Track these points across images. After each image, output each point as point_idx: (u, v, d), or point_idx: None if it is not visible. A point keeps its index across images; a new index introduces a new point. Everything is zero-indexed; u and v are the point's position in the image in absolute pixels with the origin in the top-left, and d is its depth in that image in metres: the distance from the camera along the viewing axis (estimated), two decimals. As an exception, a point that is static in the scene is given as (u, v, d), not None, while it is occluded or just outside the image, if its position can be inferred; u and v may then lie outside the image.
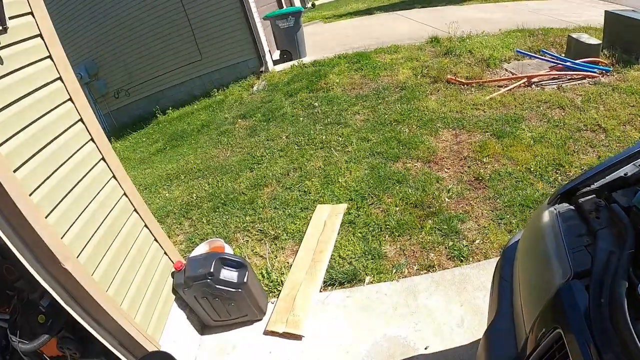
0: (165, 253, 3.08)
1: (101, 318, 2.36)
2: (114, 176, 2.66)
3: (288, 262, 3.62)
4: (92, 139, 2.52)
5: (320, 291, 3.26)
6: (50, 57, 2.27)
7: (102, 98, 9.80)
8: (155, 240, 2.98)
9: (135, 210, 2.81)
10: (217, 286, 2.90)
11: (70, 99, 2.39)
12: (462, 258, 3.23)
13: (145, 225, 2.89)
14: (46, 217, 2.07)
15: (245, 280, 2.97)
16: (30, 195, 2.00)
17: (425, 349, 2.64)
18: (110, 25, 8.95)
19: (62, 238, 2.14)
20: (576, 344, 1.33)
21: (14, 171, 1.94)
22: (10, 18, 2.02)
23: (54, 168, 2.20)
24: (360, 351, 2.73)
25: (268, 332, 3.04)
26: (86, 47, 9.29)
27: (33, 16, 2.18)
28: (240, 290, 2.94)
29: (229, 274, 2.99)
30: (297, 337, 2.95)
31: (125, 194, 2.73)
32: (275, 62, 9.26)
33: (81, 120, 2.45)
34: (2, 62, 1.97)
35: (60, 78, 2.33)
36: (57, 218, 2.15)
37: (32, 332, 2.39)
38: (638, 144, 2.10)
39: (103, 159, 2.59)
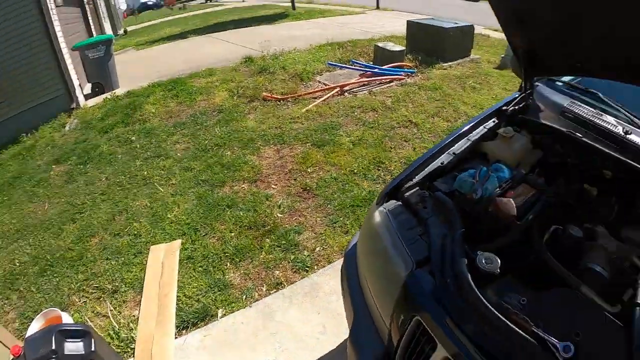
0: (-3, 342, 2.54)
1: None
2: None
3: (134, 315, 3.24)
4: None
5: (176, 337, 2.97)
6: None
7: None
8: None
9: None
10: (65, 363, 2.47)
11: None
12: (307, 268, 3.22)
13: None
14: None
15: (92, 348, 2.57)
16: None
17: (298, 365, 2.57)
18: None
19: None
20: (435, 324, 1.44)
21: None
22: None
23: None
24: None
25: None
26: None
27: None
28: (90, 361, 2.55)
29: (74, 347, 2.54)
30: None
31: None
32: (87, 97, 8.37)
33: None
34: None
35: None
36: None
37: None
38: (448, 136, 2.29)
39: None
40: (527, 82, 2.62)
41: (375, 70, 7.16)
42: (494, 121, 2.45)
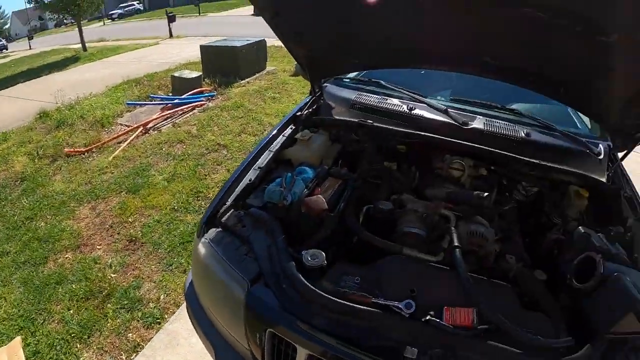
0: None
1: None
2: None
3: None
4: None
5: None
6: None
7: None
8: None
9: None
10: None
11: None
12: (158, 320, 3.08)
13: None
14: None
15: None
16: None
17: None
18: None
19: None
20: (287, 331, 1.53)
21: None
22: None
23: None
24: None
25: None
26: None
27: None
28: None
29: None
30: None
31: None
32: None
33: None
34: None
35: None
36: None
37: None
38: (251, 152, 2.37)
39: None
40: (315, 85, 2.86)
41: (176, 101, 7.09)
42: (291, 128, 2.62)
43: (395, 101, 2.69)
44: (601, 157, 2.50)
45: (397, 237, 1.93)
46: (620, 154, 2.61)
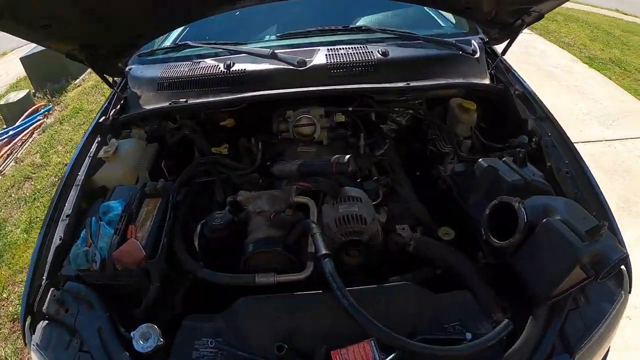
0: None
1: None
2: None
3: None
4: None
5: None
6: None
7: None
8: None
9: None
10: None
11: None
12: None
13: None
14: None
15: None
16: None
17: None
18: None
19: None
20: None
21: None
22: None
23: None
24: None
25: None
26: None
27: None
28: None
29: None
30: None
31: None
32: None
33: None
34: None
35: None
36: None
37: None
38: (54, 197, 1.83)
39: None
40: (109, 75, 2.31)
41: (10, 132, 6.05)
42: (97, 142, 2.07)
43: (210, 62, 2.18)
44: (477, 55, 2.18)
45: (248, 258, 1.48)
46: (498, 47, 2.31)
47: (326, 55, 2.05)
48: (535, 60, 6.75)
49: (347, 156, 1.62)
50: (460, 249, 1.58)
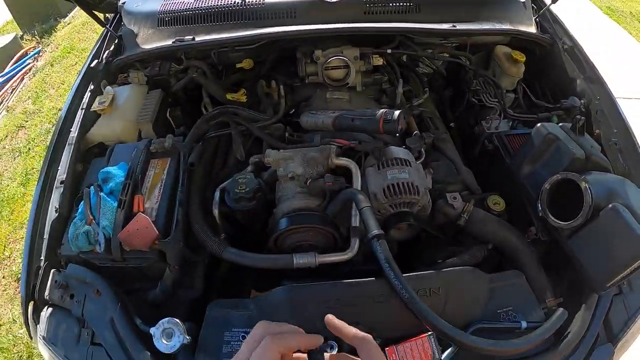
0: None
1: None
2: None
3: None
4: None
5: None
6: None
7: None
8: None
9: None
10: None
11: None
12: None
13: None
14: None
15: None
16: None
17: None
18: None
19: None
20: None
21: None
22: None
23: None
24: None
25: None
26: None
27: None
28: None
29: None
30: None
31: None
32: None
33: None
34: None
35: None
36: None
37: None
38: (46, 156, 1.60)
39: None
40: (97, 11, 1.97)
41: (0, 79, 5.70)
42: (90, 90, 1.79)
43: None
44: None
45: (281, 234, 1.23)
46: None
47: None
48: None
49: (397, 112, 1.34)
50: (509, 221, 1.41)
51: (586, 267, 1.19)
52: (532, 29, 1.90)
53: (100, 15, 2.05)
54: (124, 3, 2.03)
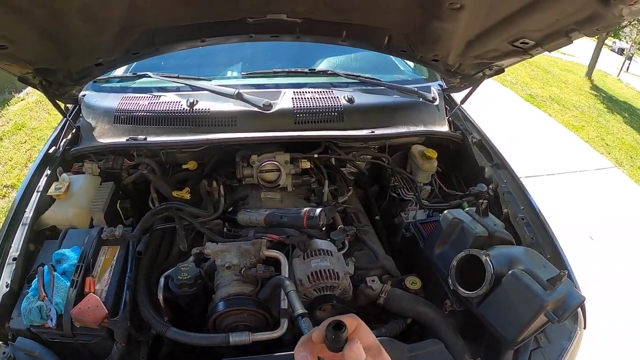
0: None
1: None
2: None
3: None
4: None
5: None
6: None
7: None
8: None
9: None
10: None
11: None
12: None
13: None
14: None
15: None
16: None
17: None
18: None
19: None
20: None
21: None
22: None
23: None
24: None
25: None
26: None
27: None
28: None
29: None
30: None
31: None
32: None
33: None
34: None
35: None
36: None
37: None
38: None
39: None
40: (62, 101, 2.11)
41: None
42: (47, 175, 1.90)
43: (172, 97, 2.07)
44: (437, 102, 2.21)
45: (219, 316, 1.40)
46: (456, 95, 2.36)
47: (292, 98, 2.02)
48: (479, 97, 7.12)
49: (318, 210, 1.59)
50: (426, 297, 1.60)
51: (497, 327, 1.34)
52: (445, 128, 2.18)
53: (62, 105, 2.20)
54: (84, 96, 2.20)
